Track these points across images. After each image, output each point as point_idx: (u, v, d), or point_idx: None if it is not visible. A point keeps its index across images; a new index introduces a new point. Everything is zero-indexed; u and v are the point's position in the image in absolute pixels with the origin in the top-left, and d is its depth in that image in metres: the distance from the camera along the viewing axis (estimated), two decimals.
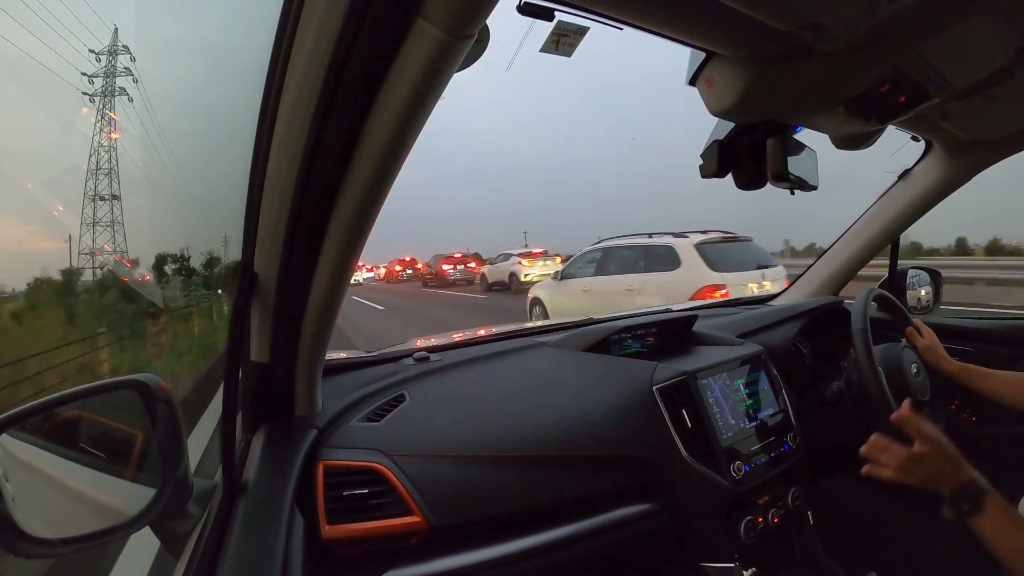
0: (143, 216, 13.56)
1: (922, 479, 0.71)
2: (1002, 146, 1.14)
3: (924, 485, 0.71)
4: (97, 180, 11.70)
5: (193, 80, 37.14)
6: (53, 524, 0.50)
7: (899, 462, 0.72)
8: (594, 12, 0.56)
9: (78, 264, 9.86)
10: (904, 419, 0.73)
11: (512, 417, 0.81)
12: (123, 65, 12.86)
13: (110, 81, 12.63)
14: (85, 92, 13.16)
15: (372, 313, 9.65)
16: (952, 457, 0.70)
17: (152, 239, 10.92)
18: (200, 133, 27.53)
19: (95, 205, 11.45)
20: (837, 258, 1.48)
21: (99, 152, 12.07)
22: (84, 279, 9.13)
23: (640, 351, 1.09)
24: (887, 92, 0.73)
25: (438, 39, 0.40)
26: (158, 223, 15.78)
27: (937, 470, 0.70)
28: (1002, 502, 0.67)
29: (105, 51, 12.76)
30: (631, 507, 0.81)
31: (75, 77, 13.35)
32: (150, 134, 15.75)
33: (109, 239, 11.13)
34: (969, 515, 0.67)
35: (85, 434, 0.58)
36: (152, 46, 23.28)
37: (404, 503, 0.67)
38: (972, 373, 1.02)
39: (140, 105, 15.07)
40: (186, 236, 14.01)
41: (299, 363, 0.68)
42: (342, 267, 0.58)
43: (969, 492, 0.67)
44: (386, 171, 0.50)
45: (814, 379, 1.15)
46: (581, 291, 5.26)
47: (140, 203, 12.45)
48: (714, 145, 0.83)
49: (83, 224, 11.13)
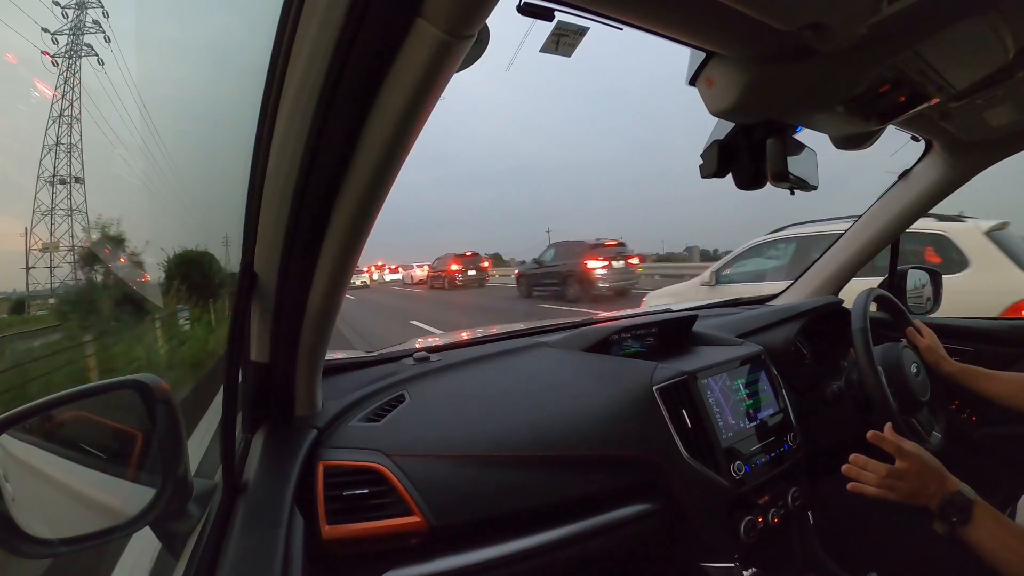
0: (142, 216, 12.92)
1: (907, 494, 0.71)
2: (1002, 146, 1.14)
3: (910, 500, 0.71)
4: (56, 159, 9.92)
5: (193, 80, 37.17)
6: (53, 524, 0.50)
7: (879, 479, 0.73)
8: (594, 12, 0.56)
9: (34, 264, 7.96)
10: (878, 438, 0.74)
11: (512, 417, 0.81)
12: (92, 19, 10.90)
13: (77, 40, 10.59)
14: (45, 51, 11.23)
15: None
16: (935, 470, 0.71)
17: (153, 239, 10.35)
18: (200, 133, 27.54)
19: (53, 189, 9.80)
20: (837, 258, 1.48)
21: (60, 124, 10.04)
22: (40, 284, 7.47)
23: (640, 351, 1.09)
24: (887, 92, 0.73)
25: (438, 39, 0.40)
26: (158, 224, 15.47)
27: (920, 485, 0.71)
28: (990, 509, 0.66)
29: (72, 3, 10.55)
30: (631, 507, 0.81)
31: (33, 32, 11.13)
32: (149, 134, 14.65)
33: (67, 232, 9.52)
34: (959, 526, 0.67)
35: (85, 434, 0.58)
36: (152, 46, 23.12)
37: (404, 503, 0.67)
38: (972, 374, 1.02)
39: (113, 68, 13.45)
40: (186, 237, 13.76)
41: (299, 363, 0.68)
42: (342, 267, 0.58)
43: (956, 503, 0.68)
44: (386, 171, 0.50)
45: (814, 379, 1.15)
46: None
47: (140, 203, 11.65)
48: (714, 145, 0.83)
49: (36, 213, 9.53)
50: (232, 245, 8.20)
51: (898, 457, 0.72)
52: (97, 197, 11.85)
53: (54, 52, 11.53)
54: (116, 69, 13.82)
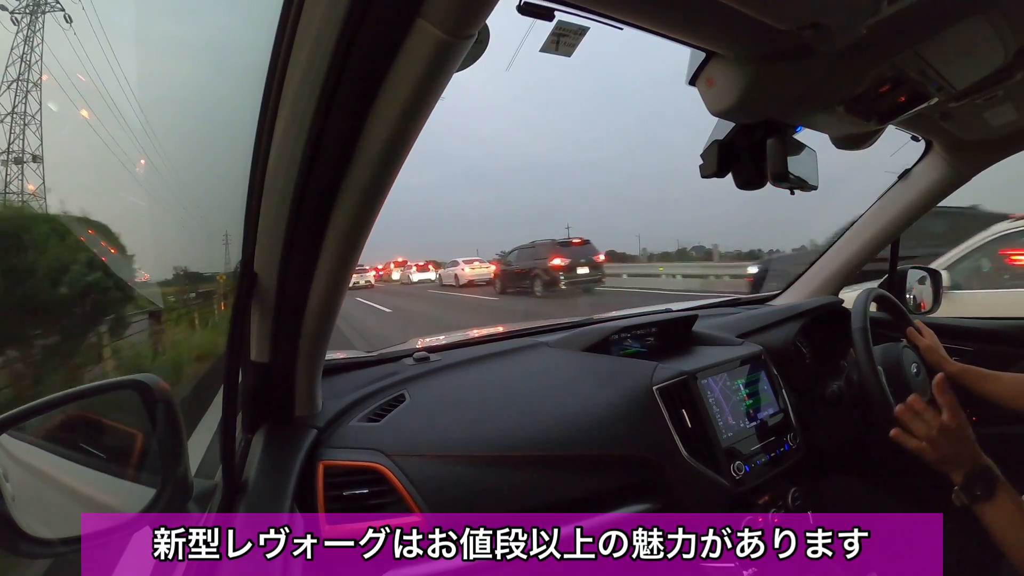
0: (142, 216, 12.46)
1: (942, 456, 0.71)
2: (1002, 146, 1.14)
3: (941, 465, 0.71)
4: (11, 131, 7.94)
5: (193, 80, 36.86)
6: (53, 524, 0.50)
7: (929, 431, 0.71)
8: (594, 12, 0.56)
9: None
10: (939, 388, 0.73)
11: (512, 417, 0.81)
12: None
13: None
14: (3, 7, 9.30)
15: None
16: (971, 440, 0.70)
17: (152, 240, 9.66)
18: (200, 133, 27.37)
19: (7, 170, 7.83)
20: (837, 258, 1.48)
21: (17, 89, 8.03)
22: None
23: (640, 351, 1.09)
24: (887, 92, 0.73)
25: (438, 39, 0.40)
26: (157, 224, 15.23)
27: (956, 450, 0.70)
28: (1013, 492, 0.67)
29: None
30: (631, 507, 0.81)
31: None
32: (147, 134, 14.01)
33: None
34: (980, 501, 0.66)
35: (85, 434, 0.58)
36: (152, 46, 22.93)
37: (404, 503, 0.67)
38: (972, 375, 1.02)
39: (114, 68, 12.00)
40: (186, 237, 13.56)
41: (299, 363, 0.68)
42: (342, 267, 0.58)
43: (985, 476, 0.67)
44: (386, 171, 0.50)
45: (814, 379, 1.15)
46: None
47: (139, 203, 11.01)
48: (714, 145, 0.84)
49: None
50: (232, 244, 7.66)
51: (949, 412, 0.71)
52: (97, 197, 11.54)
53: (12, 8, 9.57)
54: (117, 68, 13.32)
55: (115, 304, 4.98)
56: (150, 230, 12.32)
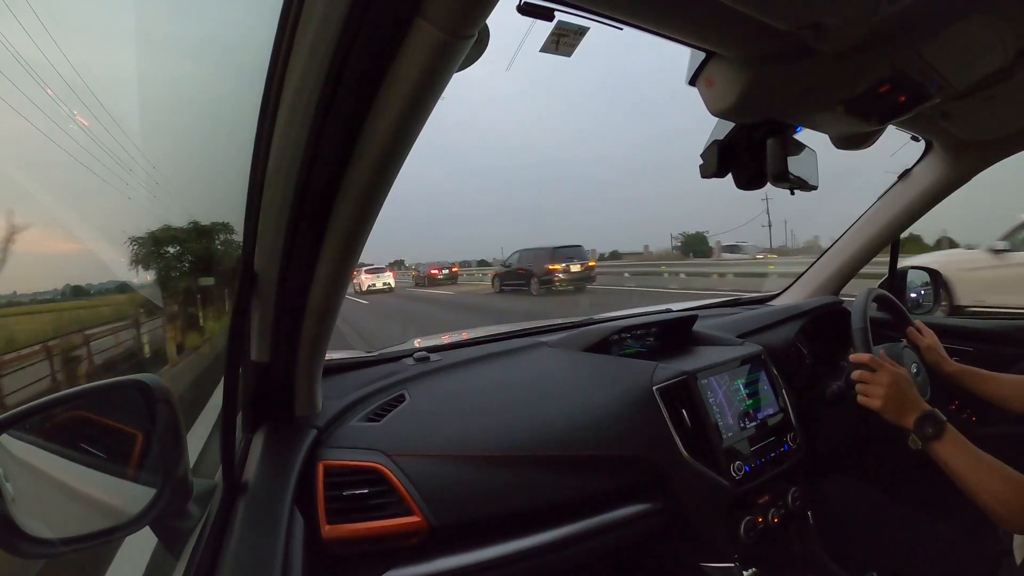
0: (141, 218, 12.37)
1: (896, 407, 0.82)
2: (1002, 146, 1.14)
3: (895, 415, 0.82)
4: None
5: (193, 79, 36.67)
6: (53, 524, 0.50)
7: (879, 389, 0.84)
8: (594, 12, 0.56)
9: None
10: (876, 363, 0.86)
11: (512, 417, 0.81)
12: None
13: None
14: None
15: None
16: (915, 391, 0.84)
17: (151, 241, 9.50)
18: (200, 132, 27.26)
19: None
20: (837, 258, 1.48)
21: None
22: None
23: (640, 351, 1.09)
24: (887, 92, 0.73)
25: (438, 39, 0.40)
26: (158, 222, 15.18)
27: (904, 401, 0.82)
28: (957, 432, 0.78)
29: None
30: (631, 507, 0.81)
31: None
32: (146, 134, 13.69)
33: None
34: (932, 440, 0.77)
35: (85, 434, 0.58)
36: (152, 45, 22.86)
37: (404, 503, 0.67)
38: (972, 375, 1.02)
39: (111, 66, 11.77)
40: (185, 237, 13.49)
41: (299, 363, 0.68)
42: (342, 267, 0.58)
43: (932, 418, 0.79)
44: (386, 171, 0.50)
45: (814, 379, 1.15)
46: None
47: (138, 202, 10.86)
48: (714, 145, 0.83)
49: None
50: (232, 244, 7.78)
51: (890, 370, 0.85)
52: (97, 197, 11.48)
53: None
54: (117, 68, 13.03)
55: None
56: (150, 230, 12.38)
